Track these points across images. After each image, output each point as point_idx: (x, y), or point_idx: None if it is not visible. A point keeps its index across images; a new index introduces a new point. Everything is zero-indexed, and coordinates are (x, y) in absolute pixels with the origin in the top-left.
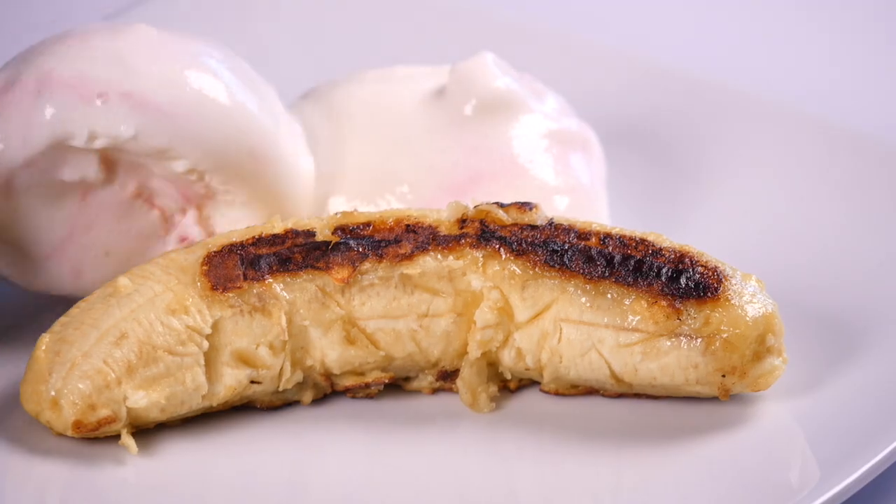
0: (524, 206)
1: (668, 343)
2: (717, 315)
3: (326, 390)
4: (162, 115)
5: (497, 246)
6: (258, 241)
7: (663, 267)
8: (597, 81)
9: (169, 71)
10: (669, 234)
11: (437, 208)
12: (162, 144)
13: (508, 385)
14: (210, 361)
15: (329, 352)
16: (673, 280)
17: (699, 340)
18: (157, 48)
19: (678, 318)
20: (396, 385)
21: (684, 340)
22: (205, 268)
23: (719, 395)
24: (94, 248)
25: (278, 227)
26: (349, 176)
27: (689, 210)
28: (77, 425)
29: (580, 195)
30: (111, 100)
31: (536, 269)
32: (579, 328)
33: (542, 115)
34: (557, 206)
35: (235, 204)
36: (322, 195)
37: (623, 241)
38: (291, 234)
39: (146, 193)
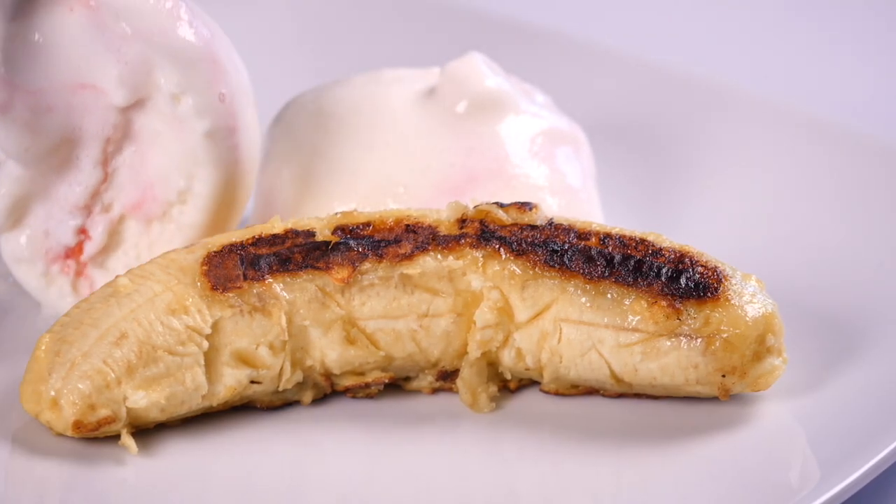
0: (524, 206)
1: (668, 343)
2: (717, 315)
3: (326, 390)
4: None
5: (497, 246)
6: (258, 241)
7: (663, 267)
8: (585, 79)
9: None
10: (667, 234)
11: (437, 208)
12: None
13: (508, 385)
14: (210, 361)
15: (329, 352)
16: (673, 280)
17: (699, 340)
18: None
19: (678, 318)
20: (396, 385)
21: (684, 340)
22: (205, 268)
23: (719, 395)
24: (27, 123)
25: (278, 227)
26: (344, 179)
27: (687, 210)
28: (77, 425)
29: (574, 194)
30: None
31: (536, 269)
32: (579, 328)
33: (533, 115)
34: (551, 206)
35: (182, 225)
36: (318, 198)
37: (623, 241)
38: (291, 233)
39: (112, 154)
